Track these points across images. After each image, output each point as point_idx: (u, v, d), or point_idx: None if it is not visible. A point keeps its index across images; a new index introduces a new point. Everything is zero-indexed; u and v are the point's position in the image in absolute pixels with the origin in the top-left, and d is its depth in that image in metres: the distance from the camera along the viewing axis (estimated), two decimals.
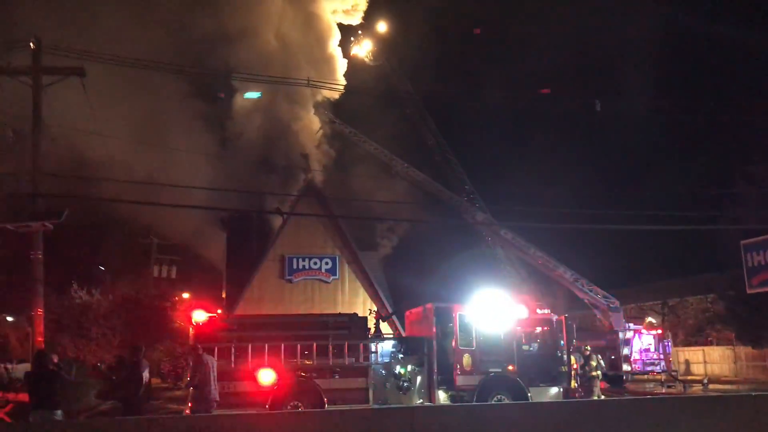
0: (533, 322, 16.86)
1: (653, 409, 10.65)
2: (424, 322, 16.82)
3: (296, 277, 28.35)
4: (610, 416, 10.30)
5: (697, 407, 10.93)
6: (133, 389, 9.86)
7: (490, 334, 16.37)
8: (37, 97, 17.09)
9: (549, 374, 16.47)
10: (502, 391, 15.88)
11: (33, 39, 17.12)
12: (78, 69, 17.38)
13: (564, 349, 16.69)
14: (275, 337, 15.34)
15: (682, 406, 11.19)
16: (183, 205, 21.45)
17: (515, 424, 9.73)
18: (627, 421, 10.04)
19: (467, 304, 16.61)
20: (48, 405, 9.63)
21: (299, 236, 28.83)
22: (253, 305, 26.94)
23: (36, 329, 16.95)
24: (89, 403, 19.84)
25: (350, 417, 10.22)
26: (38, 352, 10.91)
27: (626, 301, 34.94)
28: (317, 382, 15.20)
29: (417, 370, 16.23)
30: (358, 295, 28.70)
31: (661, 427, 9.93)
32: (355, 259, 29.08)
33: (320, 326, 15.97)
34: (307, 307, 26.74)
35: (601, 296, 29.24)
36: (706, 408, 10.78)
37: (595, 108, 23.99)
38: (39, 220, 16.51)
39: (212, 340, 14.89)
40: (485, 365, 16.14)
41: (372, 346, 16.02)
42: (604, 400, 16.80)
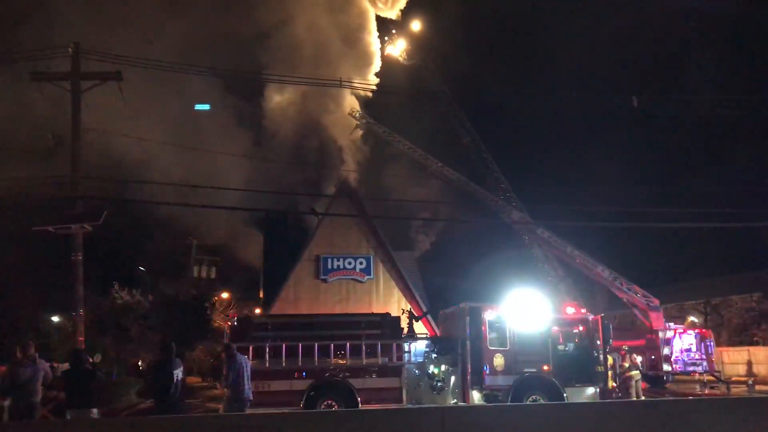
0: (569, 322, 16.64)
1: (694, 411, 10.41)
2: (458, 322, 16.73)
3: (331, 276, 28.48)
4: (648, 418, 10.10)
5: (741, 408, 10.64)
6: (160, 388, 9.99)
7: (525, 334, 16.20)
8: (76, 102, 17.51)
9: (585, 374, 16.21)
10: (537, 391, 15.71)
11: (72, 44, 17.53)
12: (115, 73, 17.74)
13: (600, 348, 16.43)
14: (309, 336, 15.44)
15: (726, 406, 10.93)
16: (219, 206, 21.76)
17: (549, 425, 9.59)
18: (664, 423, 9.83)
19: (501, 303, 16.48)
20: (84, 403, 9.85)
21: (334, 236, 28.94)
22: (289, 305, 27.15)
23: (77, 329, 17.39)
24: (129, 402, 20.22)
25: (382, 416, 10.21)
26: (74, 352, 11.15)
27: (667, 300, 34.27)
28: (351, 381, 15.26)
29: (451, 370, 16.17)
30: (392, 295, 28.70)
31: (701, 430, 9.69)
32: (389, 259, 29.08)
33: (353, 326, 16.04)
34: (342, 307, 26.83)
35: (640, 295, 28.71)
36: (754, 409, 10.46)
37: (632, 104, 23.58)
38: (79, 222, 16.92)
39: (248, 339, 15.08)
40: (520, 365, 15.98)
41: (405, 346, 16.01)
42: (641, 401, 16.48)
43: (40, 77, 17.44)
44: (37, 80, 17.50)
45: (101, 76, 17.75)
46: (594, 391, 16.15)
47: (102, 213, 16.88)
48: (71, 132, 17.33)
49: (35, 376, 10.32)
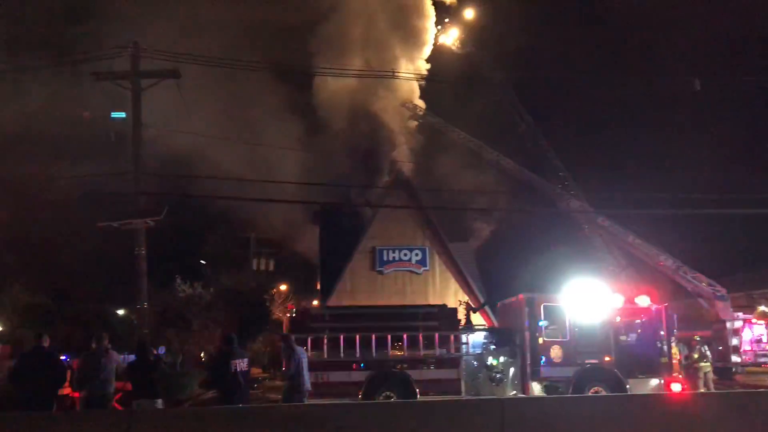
0: (631, 312, 16.24)
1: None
2: (516, 312, 16.53)
3: (387, 268, 28.51)
4: (716, 410, 9.77)
5: None
6: (221, 379, 10.17)
7: (585, 324, 15.90)
8: (136, 100, 17.96)
9: (649, 365, 15.82)
10: (599, 382, 15.40)
11: (131, 44, 17.97)
12: (173, 71, 18.13)
13: (664, 339, 15.99)
14: (366, 328, 15.50)
15: None
16: (275, 199, 22.00)
17: (610, 417, 9.38)
18: (735, 414, 9.50)
19: (560, 293, 16.20)
20: (148, 394, 10.11)
21: (389, 228, 28.93)
22: (346, 297, 27.31)
23: (141, 322, 17.90)
24: (192, 392, 20.68)
25: (441, 407, 10.17)
26: (139, 343, 11.45)
27: (735, 289, 33.07)
28: (408, 372, 15.26)
29: (510, 362, 16.01)
30: (449, 287, 28.55)
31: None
32: (445, 251, 28.92)
33: (410, 317, 16.02)
34: (399, 299, 26.82)
35: (705, 284, 27.82)
36: None
37: (694, 87, 22.78)
38: (141, 217, 17.40)
39: (306, 331, 15.24)
40: (581, 356, 15.69)
41: (463, 337, 15.94)
42: (708, 393, 16.00)
43: (101, 77, 17.95)
44: (99, 80, 18.02)
45: (160, 74, 18.16)
46: (658, 382, 15.75)
47: (163, 208, 17.32)
48: (132, 129, 17.80)
49: (109, 368, 10.62)
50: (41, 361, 10.31)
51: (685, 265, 28.59)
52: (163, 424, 8.87)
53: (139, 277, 17.79)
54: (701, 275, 28.21)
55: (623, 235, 30.15)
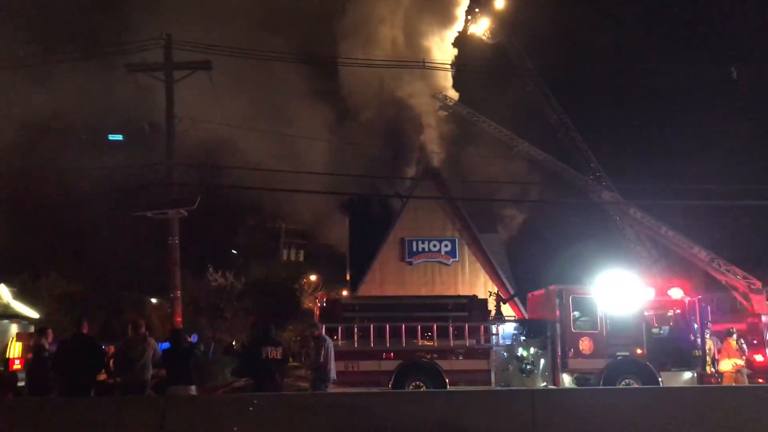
0: (664, 304, 16.05)
1: None
2: (547, 304, 16.44)
3: (416, 259, 28.53)
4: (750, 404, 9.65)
5: None
6: (251, 367, 10.32)
7: (617, 316, 15.76)
8: (169, 91, 18.18)
9: (682, 358, 15.64)
10: (631, 375, 15.26)
11: (164, 36, 18.17)
12: (205, 63, 18.32)
13: (698, 332, 15.79)
14: (396, 318, 15.54)
15: None
16: (305, 190, 22.15)
17: (642, 409, 9.31)
18: None
19: (592, 285, 16.08)
20: (183, 381, 10.27)
21: (418, 219, 28.94)
22: (375, 287, 27.40)
23: (175, 310, 18.17)
24: (225, 380, 20.99)
25: (472, 398, 10.18)
26: (173, 331, 11.62)
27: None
28: (438, 362, 15.28)
29: (540, 353, 15.93)
30: (478, 278, 28.49)
31: None
32: (475, 242, 28.84)
33: (440, 308, 16.03)
34: (428, 290, 26.87)
35: (740, 277, 27.35)
36: None
37: (732, 76, 22.34)
38: (174, 207, 17.64)
39: (337, 320, 15.33)
40: (612, 348, 15.56)
41: (493, 329, 15.89)
42: (741, 387, 15.76)
43: (135, 68, 18.19)
44: (132, 71, 18.26)
45: (192, 65, 18.36)
46: (691, 375, 15.57)
47: (196, 198, 17.53)
48: (165, 120, 18.03)
49: (146, 355, 10.79)
50: (81, 347, 10.50)
51: (719, 257, 28.11)
52: (197, 410, 9.03)
53: (173, 267, 18.05)
54: (736, 268, 27.72)
55: (656, 227, 29.72)
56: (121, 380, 10.91)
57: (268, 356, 10.46)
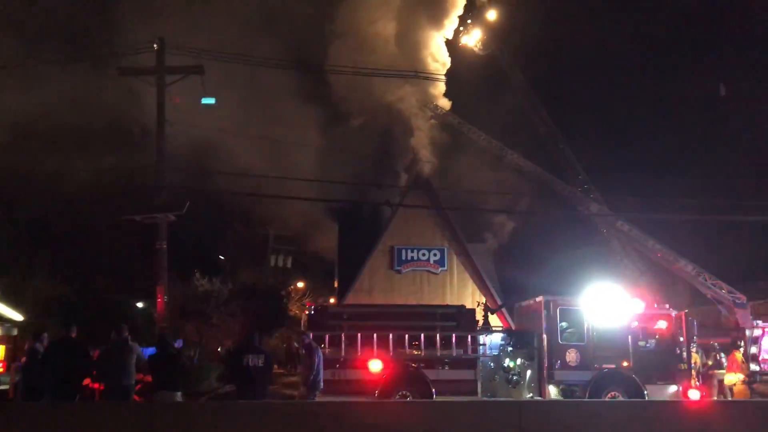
0: (650, 318, 16.16)
1: None
2: (534, 315, 16.50)
3: (405, 268, 28.52)
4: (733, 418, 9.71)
5: None
6: (235, 374, 10.33)
7: (604, 329, 15.84)
8: (161, 96, 18.14)
9: (667, 372, 15.74)
10: (616, 387, 15.33)
11: (157, 40, 18.15)
12: (197, 67, 18.32)
13: (684, 345, 15.89)
14: (384, 326, 15.52)
15: None
16: (293, 197, 22.15)
17: (628, 422, 9.36)
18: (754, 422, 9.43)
19: (579, 297, 16.15)
20: (169, 386, 10.22)
21: (408, 228, 28.94)
22: (363, 295, 27.35)
23: (161, 315, 18.08)
24: (210, 386, 20.84)
25: (457, 408, 10.19)
26: (160, 336, 11.58)
27: (755, 296, 32.72)
28: (425, 372, 15.27)
29: (527, 364, 15.97)
30: (466, 287, 28.52)
31: None
32: (463, 251, 28.88)
33: (428, 317, 16.03)
34: (416, 298, 26.84)
35: (725, 291, 27.57)
36: None
37: (720, 92, 22.59)
38: (163, 211, 17.58)
39: (324, 328, 15.29)
40: (598, 360, 15.64)
41: (480, 339, 15.92)
42: (725, 401, 15.88)
43: (127, 72, 18.15)
44: (124, 75, 18.22)
45: (185, 70, 18.34)
46: (676, 389, 15.66)
47: (185, 203, 17.48)
48: (156, 124, 17.98)
49: (129, 360, 10.73)
50: (68, 350, 10.48)
51: (705, 271, 28.35)
52: (184, 417, 8.98)
53: (160, 271, 17.97)
54: (721, 282, 27.96)
55: (642, 240, 29.94)
56: (105, 385, 10.86)
57: (249, 364, 10.44)
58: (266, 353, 10.91)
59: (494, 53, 34.12)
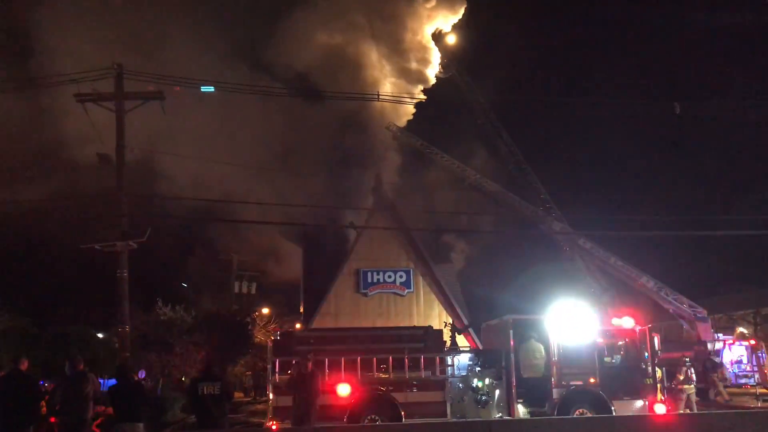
0: (615, 334, 16.31)
1: (749, 423, 10.08)
2: (501, 334, 16.51)
3: (371, 290, 28.42)
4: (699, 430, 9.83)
5: None
6: (192, 403, 10.16)
7: (570, 346, 15.92)
8: (120, 121, 17.87)
9: (633, 387, 15.86)
10: (584, 404, 15.40)
11: (116, 66, 17.92)
12: (157, 93, 18.10)
13: (648, 360, 16.05)
14: (351, 350, 15.38)
15: None
16: (257, 221, 21.99)
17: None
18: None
19: (545, 315, 16.24)
20: (130, 417, 9.94)
21: (373, 250, 28.89)
22: (330, 319, 27.17)
23: (122, 345, 17.64)
24: (174, 417, 20.40)
25: (428, 430, 10.12)
26: (120, 367, 11.28)
27: (715, 310, 33.37)
28: (394, 395, 15.14)
29: (495, 384, 15.93)
30: (433, 308, 28.51)
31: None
32: (429, 272, 28.92)
33: (395, 339, 15.92)
34: (383, 321, 26.75)
35: (686, 306, 28.10)
36: None
37: (675, 111, 23.13)
38: (124, 239, 17.23)
39: (291, 354, 15.07)
40: (566, 378, 15.70)
41: (448, 359, 15.84)
42: (690, 414, 16.06)
43: (85, 98, 17.84)
44: (81, 101, 17.91)
45: (144, 95, 18.11)
46: (643, 404, 15.77)
47: (146, 231, 17.17)
48: (116, 151, 17.69)
49: (86, 392, 10.43)
50: (18, 384, 10.18)
51: (666, 287, 28.85)
52: None
53: (121, 300, 17.56)
54: (682, 297, 28.49)
55: (604, 257, 30.39)
56: (61, 418, 10.54)
57: (205, 392, 10.26)
58: (223, 381, 10.71)
59: (454, 76, 34.56)
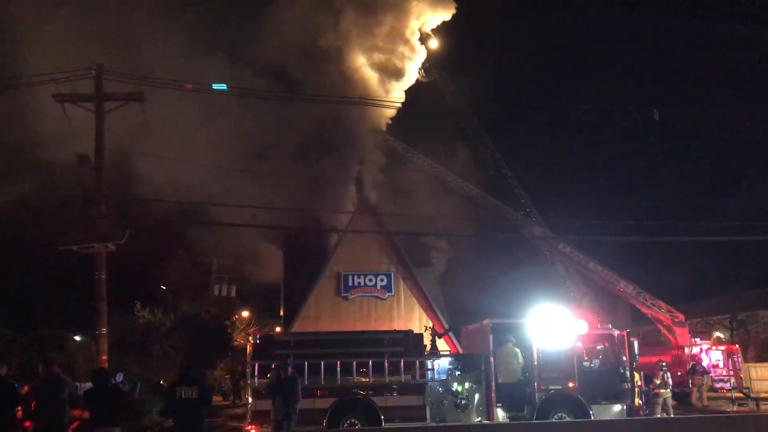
0: (594, 338, 16.43)
1: (722, 428, 10.22)
2: (481, 338, 16.56)
3: (352, 294, 28.35)
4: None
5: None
6: (168, 407, 10.08)
7: (550, 351, 16.02)
8: (99, 122, 17.71)
9: (611, 391, 15.99)
10: (563, 408, 15.50)
11: (95, 66, 17.76)
12: (137, 94, 17.98)
13: (626, 365, 16.18)
14: (331, 354, 15.35)
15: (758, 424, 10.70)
16: (237, 224, 21.81)
17: None
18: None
19: (524, 320, 16.33)
20: (107, 422, 9.84)
21: (354, 253, 28.82)
22: (310, 323, 27.04)
23: (100, 348, 17.46)
24: (152, 420, 20.20)
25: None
26: (97, 370, 11.17)
27: (692, 315, 33.76)
28: (374, 399, 15.12)
29: (475, 388, 15.98)
30: (413, 312, 28.50)
31: None
32: (410, 276, 28.90)
33: (376, 343, 15.93)
34: (364, 324, 26.68)
35: (664, 310, 28.39)
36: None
37: (654, 117, 23.41)
38: (102, 241, 17.06)
39: (270, 357, 15.00)
40: (545, 382, 15.78)
41: (428, 363, 15.87)
42: (667, 418, 16.21)
43: (64, 98, 17.66)
44: (61, 101, 17.71)
45: (124, 96, 17.97)
46: (620, 408, 15.90)
47: (125, 232, 17.02)
48: (95, 151, 17.53)
49: (61, 395, 10.30)
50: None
51: (645, 292, 29.12)
52: None
53: (99, 303, 17.39)
54: (660, 302, 28.77)
55: (584, 262, 30.62)
56: (35, 422, 10.40)
57: (183, 396, 10.17)
58: (201, 384, 10.63)
59: (436, 80, 34.65)
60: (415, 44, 32.37)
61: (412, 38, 32.34)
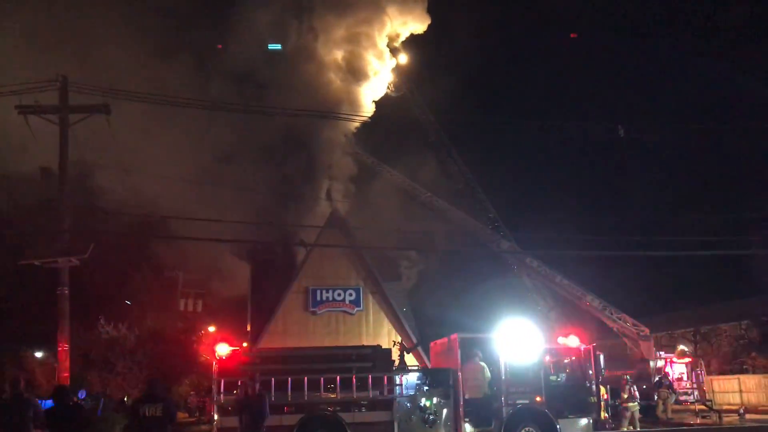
0: (561, 352, 16.53)
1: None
2: (449, 353, 16.57)
3: (320, 309, 28.18)
4: None
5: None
6: (132, 426, 9.86)
7: (517, 365, 16.07)
8: (64, 135, 17.42)
9: (578, 405, 16.08)
10: (530, 423, 15.55)
11: (59, 77, 17.49)
12: (103, 106, 17.75)
13: (593, 379, 16.31)
14: (298, 370, 15.22)
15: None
16: (203, 238, 21.57)
17: None
18: None
19: (492, 334, 16.36)
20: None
21: (323, 268, 28.68)
22: (278, 338, 26.79)
23: (62, 364, 17.07)
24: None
25: None
26: (57, 388, 10.87)
27: (657, 329, 34.20)
28: (341, 415, 15.01)
29: (443, 403, 15.95)
30: (382, 327, 28.42)
31: None
32: (379, 290, 28.85)
33: (343, 359, 15.83)
34: (332, 339, 26.55)
35: (630, 324, 28.71)
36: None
37: (618, 133, 23.79)
38: (65, 255, 16.74)
39: (236, 374, 14.81)
40: (512, 396, 15.81)
41: (396, 379, 15.79)
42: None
43: (28, 110, 17.35)
44: (24, 113, 17.40)
45: (89, 108, 17.72)
46: (587, 422, 16.00)
47: (88, 247, 16.72)
48: (59, 164, 17.23)
49: (26, 415, 9.98)
50: None
51: (610, 305, 29.44)
52: None
53: (61, 318, 17.02)
54: (626, 315, 29.09)
55: (551, 275, 30.87)
56: None
57: (147, 414, 9.94)
58: (166, 402, 10.40)
59: (405, 95, 34.83)
60: (384, 50, 32.59)
61: (382, 45, 32.55)
